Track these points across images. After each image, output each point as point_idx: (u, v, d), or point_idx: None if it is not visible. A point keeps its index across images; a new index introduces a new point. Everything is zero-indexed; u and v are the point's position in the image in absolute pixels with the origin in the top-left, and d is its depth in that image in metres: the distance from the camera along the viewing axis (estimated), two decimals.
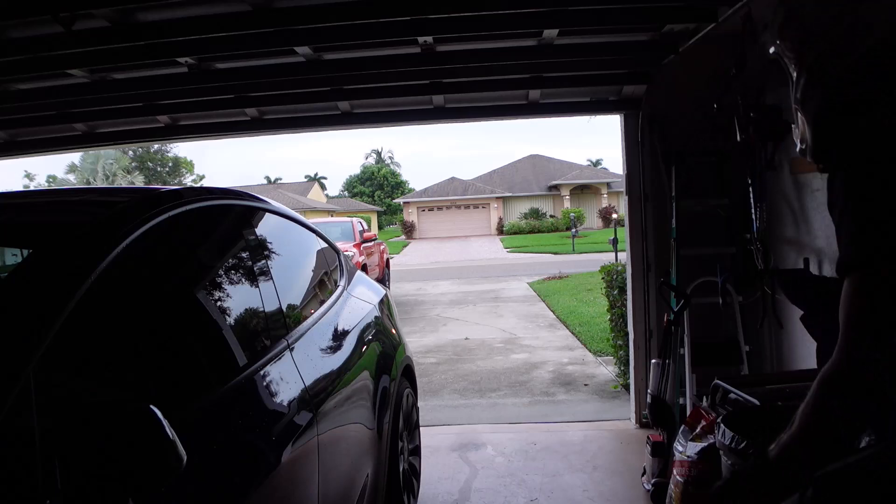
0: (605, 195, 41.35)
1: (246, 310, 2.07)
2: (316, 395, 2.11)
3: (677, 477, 2.79)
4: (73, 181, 38.79)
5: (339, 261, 3.24)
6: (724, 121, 3.66)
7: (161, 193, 1.90)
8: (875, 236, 1.10)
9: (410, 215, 43.67)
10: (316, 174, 62.29)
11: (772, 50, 1.30)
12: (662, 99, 4.21)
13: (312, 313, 2.55)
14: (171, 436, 1.18)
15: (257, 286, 2.12)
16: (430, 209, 43.52)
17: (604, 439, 4.37)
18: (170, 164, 44.59)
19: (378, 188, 57.56)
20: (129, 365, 1.52)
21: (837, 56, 1.17)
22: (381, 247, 15.71)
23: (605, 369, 6.58)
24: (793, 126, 1.31)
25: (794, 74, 1.26)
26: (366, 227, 15.46)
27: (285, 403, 1.97)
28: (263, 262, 2.27)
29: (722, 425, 2.14)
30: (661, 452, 3.32)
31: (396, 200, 49.73)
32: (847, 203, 1.14)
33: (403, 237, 42.45)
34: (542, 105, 4.61)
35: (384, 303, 3.50)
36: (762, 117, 3.36)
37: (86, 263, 1.40)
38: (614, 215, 24.62)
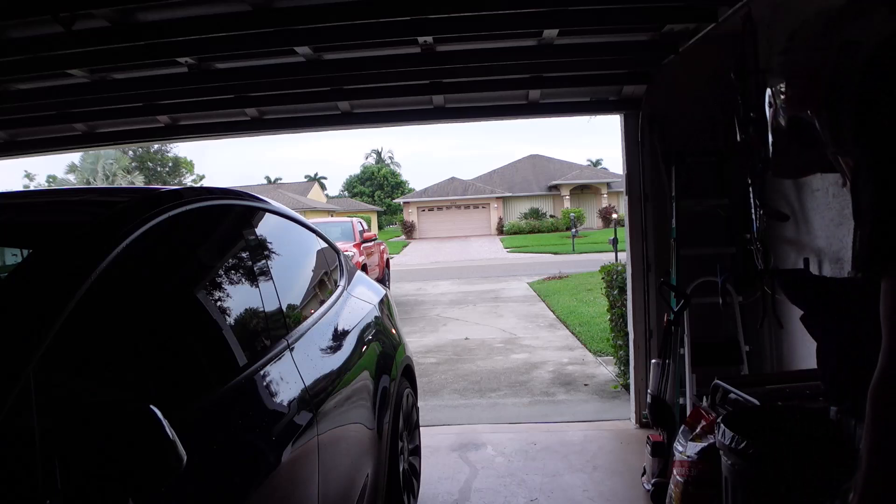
0: (605, 195, 41.33)
1: (246, 310, 2.07)
2: (316, 395, 2.11)
3: (677, 477, 2.79)
4: (73, 181, 38.78)
5: (339, 261, 3.24)
6: (725, 120, 3.66)
7: (161, 193, 1.90)
8: None
9: (410, 215, 43.66)
10: (316, 174, 62.35)
11: (788, 112, 1.31)
12: (662, 99, 4.21)
13: (312, 313, 2.55)
14: (171, 436, 1.18)
15: (257, 286, 2.12)
16: (430, 209, 43.52)
17: (604, 439, 4.37)
18: (170, 164, 44.58)
19: (378, 188, 57.56)
20: (129, 365, 1.52)
21: (842, 75, 1.19)
22: (381, 247, 15.71)
23: (605, 369, 6.58)
24: (841, 184, 1.27)
25: (817, 121, 1.26)
26: (366, 227, 15.46)
27: (285, 403, 1.97)
28: (263, 262, 2.27)
29: (722, 425, 2.14)
30: (661, 452, 3.32)
31: (396, 200, 49.73)
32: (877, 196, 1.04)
33: (403, 237, 42.45)
34: (542, 105, 4.61)
35: (384, 303, 3.50)
36: (762, 117, 3.36)
37: (86, 263, 1.40)
38: (614, 215, 24.61)
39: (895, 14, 1.16)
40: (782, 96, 1.33)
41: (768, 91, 1.39)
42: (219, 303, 1.98)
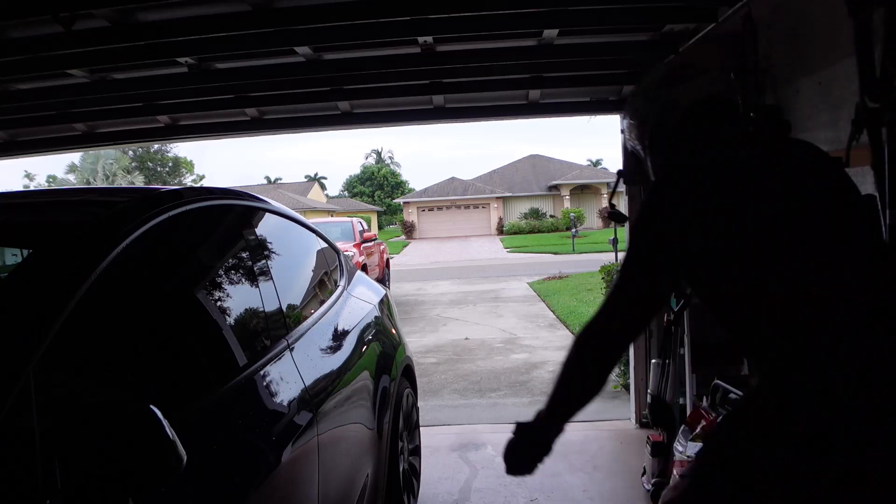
0: (605, 195, 41.34)
1: (246, 310, 2.07)
2: (316, 395, 2.11)
3: (677, 477, 2.79)
4: (73, 181, 38.79)
5: (339, 261, 3.24)
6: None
7: (161, 193, 1.90)
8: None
9: (410, 215, 43.66)
10: (316, 174, 62.31)
11: (630, 146, 1.74)
12: None
13: (312, 313, 2.55)
14: (171, 436, 1.18)
15: (257, 286, 2.12)
16: (430, 209, 43.52)
17: (604, 439, 4.37)
18: (170, 164, 44.60)
19: (378, 188, 57.56)
20: (129, 365, 1.52)
21: (661, 126, 1.60)
22: (381, 247, 15.72)
23: None
24: None
25: (643, 154, 1.67)
26: (366, 227, 15.46)
27: (285, 403, 1.97)
28: (263, 262, 2.27)
29: None
30: (661, 452, 3.32)
31: (396, 200, 49.74)
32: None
33: (403, 237, 42.45)
34: (542, 105, 4.61)
35: (384, 303, 3.50)
36: (762, 117, 3.36)
37: (86, 263, 1.40)
38: None
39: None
40: (625, 130, 1.72)
41: (622, 120, 1.75)
42: (219, 303, 1.98)
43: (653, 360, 3.79)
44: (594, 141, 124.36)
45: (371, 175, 59.13)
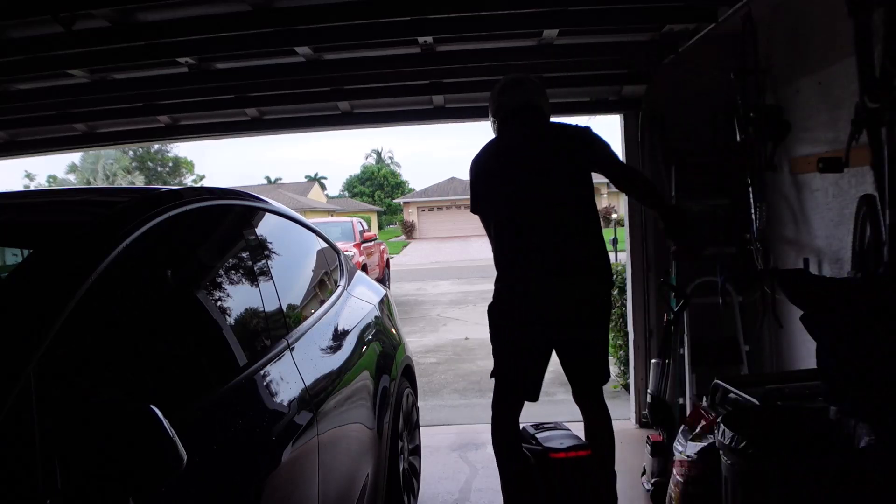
0: (606, 195, 41.27)
1: (246, 310, 2.07)
2: (316, 395, 2.11)
3: (677, 477, 2.79)
4: (73, 181, 38.78)
5: (339, 261, 3.24)
6: (725, 120, 3.67)
7: (161, 193, 1.90)
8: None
9: (410, 215, 43.68)
10: (316, 174, 62.23)
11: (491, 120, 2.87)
12: (662, 99, 4.21)
13: (313, 313, 2.55)
14: (171, 435, 1.18)
15: (257, 286, 2.12)
16: (431, 209, 43.53)
17: None
18: (170, 164, 44.54)
19: (378, 188, 57.56)
20: (129, 365, 1.52)
21: (496, 118, 2.82)
22: (381, 247, 15.73)
23: None
24: None
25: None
26: (366, 227, 15.48)
27: (285, 403, 1.97)
28: (263, 261, 2.27)
29: (722, 425, 2.14)
30: (661, 452, 3.32)
31: (396, 200, 49.76)
32: None
33: (403, 237, 42.47)
34: None
35: (384, 303, 3.50)
36: (762, 117, 3.37)
37: (86, 263, 1.40)
38: (614, 215, 24.57)
39: None
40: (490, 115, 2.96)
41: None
42: (219, 303, 1.98)
43: (653, 360, 3.79)
44: None
45: (371, 175, 59.12)
